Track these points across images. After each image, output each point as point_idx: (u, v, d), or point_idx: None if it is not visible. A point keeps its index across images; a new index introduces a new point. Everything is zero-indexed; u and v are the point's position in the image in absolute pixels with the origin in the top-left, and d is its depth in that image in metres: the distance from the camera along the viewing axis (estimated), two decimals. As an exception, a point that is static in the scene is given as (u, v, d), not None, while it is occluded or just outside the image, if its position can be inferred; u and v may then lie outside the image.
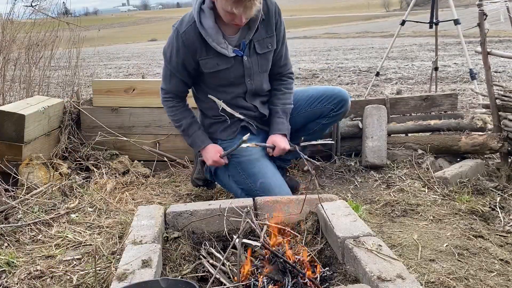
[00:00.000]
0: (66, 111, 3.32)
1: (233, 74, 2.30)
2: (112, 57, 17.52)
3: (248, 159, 2.33)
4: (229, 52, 2.23)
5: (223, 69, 2.28)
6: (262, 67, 2.36)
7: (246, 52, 2.28)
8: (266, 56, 2.34)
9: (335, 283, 1.58)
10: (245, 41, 2.26)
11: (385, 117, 3.09)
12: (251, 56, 2.30)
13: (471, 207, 2.31)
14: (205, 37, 2.19)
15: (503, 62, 8.37)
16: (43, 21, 4.26)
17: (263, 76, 2.41)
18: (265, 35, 2.30)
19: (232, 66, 2.28)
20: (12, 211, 2.38)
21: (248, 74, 2.33)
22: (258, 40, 2.29)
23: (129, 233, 1.78)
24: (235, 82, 2.33)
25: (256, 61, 2.32)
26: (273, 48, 2.35)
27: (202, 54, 2.24)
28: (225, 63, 2.26)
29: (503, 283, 1.65)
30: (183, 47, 2.23)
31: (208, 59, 2.25)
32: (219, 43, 2.21)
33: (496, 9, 2.88)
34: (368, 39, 20.84)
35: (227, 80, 2.32)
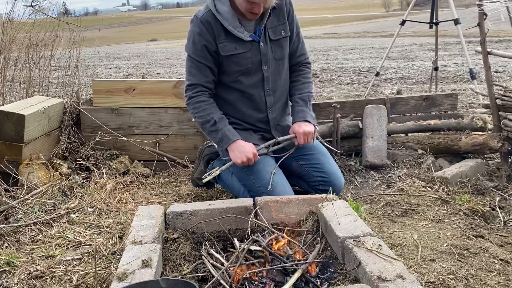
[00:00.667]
0: (66, 111, 3.32)
1: (250, 60, 2.31)
2: (112, 57, 17.52)
3: None
4: (245, 36, 2.27)
5: (241, 53, 2.29)
6: (277, 54, 2.37)
7: (262, 39, 2.32)
8: (280, 42, 2.37)
9: (335, 283, 1.58)
10: (260, 27, 2.30)
11: (385, 117, 3.09)
12: (266, 43, 2.33)
13: (471, 207, 2.31)
14: (222, 21, 2.23)
15: (503, 62, 8.37)
16: (43, 21, 4.26)
17: (279, 64, 2.40)
18: (277, 22, 2.34)
19: (249, 51, 2.30)
20: (12, 211, 2.38)
21: (265, 61, 2.34)
22: (271, 27, 2.33)
23: (129, 233, 1.78)
24: (252, 68, 2.33)
25: (271, 48, 2.35)
26: (287, 34, 2.38)
27: (221, 37, 2.27)
28: (243, 47, 2.29)
29: (503, 283, 1.65)
30: (204, 29, 2.25)
31: (226, 42, 2.27)
32: (235, 27, 2.25)
33: (496, 9, 2.88)
34: (368, 39, 20.85)
35: (245, 66, 2.32)
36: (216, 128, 2.28)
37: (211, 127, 2.30)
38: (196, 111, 2.33)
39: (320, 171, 2.39)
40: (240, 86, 2.37)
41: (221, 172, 2.52)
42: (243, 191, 2.37)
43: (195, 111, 2.34)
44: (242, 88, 2.37)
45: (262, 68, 2.35)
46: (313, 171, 2.41)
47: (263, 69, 2.35)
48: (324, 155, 2.46)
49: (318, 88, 7.24)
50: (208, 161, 2.65)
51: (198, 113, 2.32)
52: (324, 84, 7.70)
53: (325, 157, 2.46)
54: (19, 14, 4.10)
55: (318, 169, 2.40)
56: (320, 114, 3.25)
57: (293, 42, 2.45)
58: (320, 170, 2.40)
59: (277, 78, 2.42)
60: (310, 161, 2.42)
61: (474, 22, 2.85)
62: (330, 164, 2.43)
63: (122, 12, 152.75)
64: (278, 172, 2.34)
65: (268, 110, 2.42)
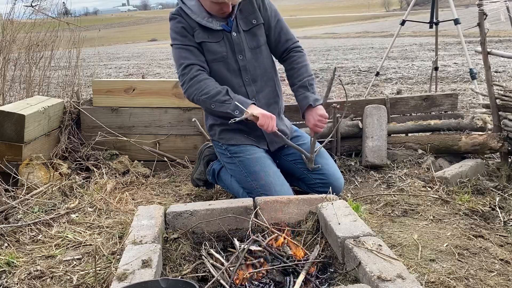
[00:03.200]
0: (66, 111, 3.32)
1: (224, 49, 2.32)
2: (112, 57, 17.52)
3: (250, 157, 2.34)
4: (215, 25, 2.29)
5: (213, 42, 2.31)
6: (252, 43, 2.37)
7: (234, 28, 2.33)
8: (253, 31, 2.37)
9: (335, 283, 1.58)
10: (231, 18, 2.32)
11: (385, 117, 3.09)
12: (239, 32, 2.34)
13: (471, 207, 2.31)
14: (190, 14, 2.29)
15: (503, 62, 8.37)
16: (43, 21, 4.26)
17: (256, 53, 2.38)
18: (247, 12, 2.35)
19: (221, 40, 2.32)
20: (12, 211, 2.38)
21: (239, 50, 2.34)
22: (242, 18, 2.35)
23: (129, 233, 1.78)
24: (227, 57, 2.33)
25: (244, 38, 2.35)
26: (259, 22, 2.37)
27: (195, 29, 2.31)
28: (215, 37, 2.32)
29: (503, 283, 1.65)
30: (179, 18, 2.32)
31: (200, 31, 2.31)
32: (204, 17, 2.28)
33: (496, 9, 2.88)
34: (368, 39, 20.84)
35: (220, 54, 2.33)
36: (229, 97, 2.20)
37: (224, 96, 2.21)
38: (201, 89, 2.24)
39: (320, 172, 2.39)
40: (217, 78, 2.33)
41: (222, 174, 2.52)
42: (242, 192, 2.37)
43: (199, 90, 2.24)
44: (222, 77, 2.34)
45: (237, 57, 2.35)
46: (312, 173, 2.41)
47: (238, 58, 2.35)
48: (322, 157, 2.45)
49: (318, 88, 7.23)
50: (208, 161, 2.65)
51: (204, 90, 2.23)
52: (324, 84, 7.70)
53: (324, 159, 2.45)
54: (19, 14, 4.10)
55: (317, 171, 2.39)
56: (320, 114, 3.24)
57: (273, 29, 2.42)
58: (319, 172, 2.39)
59: (256, 67, 2.39)
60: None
61: (474, 22, 2.85)
62: (329, 166, 2.42)
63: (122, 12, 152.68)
64: (277, 172, 2.34)
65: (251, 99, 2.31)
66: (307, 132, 2.59)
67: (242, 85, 2.36)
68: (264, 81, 2.43)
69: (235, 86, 2.34)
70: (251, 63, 2.37)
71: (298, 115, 3.16)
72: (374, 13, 61.80)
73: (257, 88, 2.40)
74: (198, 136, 3.23)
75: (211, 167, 2.61)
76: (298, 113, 2.55)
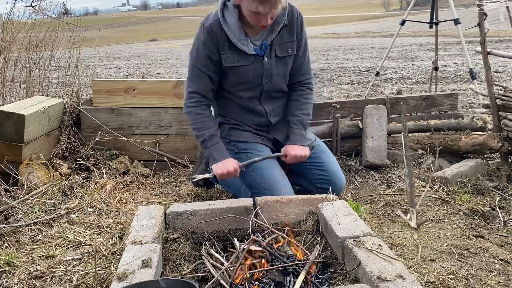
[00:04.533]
0: (66, 111, 3.32)
1: (252, 73, 2.31)
2: (112, 57, 17.52)
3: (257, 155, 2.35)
4: (249, 49, 2.25)
5: (243, 66, 2.29)
6: (281, 70, 2.36)
7: (267, 54, 2.30)
8: (285, 60, 2.35)
9: (335, 283, 1.58)
10: (267, 42, 2.28)
11: (385, 117, 3.09)
12: (271, 58, 2.31)
13: (471, 207, 2.31)
14: (227, 32, 2.22)
15: (503, 62, 8.37)
16: (43, 21, 4.26)
17: (281, 80, 2.40)
18: (287, 39, 2.31)
19: (251, 64, 2.29)
20: (12, 211, 2.38)
21: (267, 76, 2.33)
22: (279, 44, 2.30)
23: (129, 233, 1.78)
24: (253, 82, 2.33)
25: (275, 64, 2.33)
26: (293, 53, 2.35)
27: (225, 48, 2.26)
28: (245, 60, 2.28)
29: (503, 283, 1.65)
30: (208, 38, 2.25)
31: (229, 53, 2.26)
32: (240, 39, 2.23)
33: (496, 9, 2.88)
34: (368, 39, 20.84)
35: (246, 78, 2.32)
36: (205, 146, 2.33)
37: (202, 143, 2.36)
38: (193, 122, 2.37)
39: (322, 169, 2.41)
40: (237, 99, 2.39)
41: None
42: (244, 189, 2.38)
43: (192, 121, 2.38)
44: (240, 101, 2.39)
45: (263, 82, 2.34)
46: (314, 169, 2.43)
47: (264, 83, 2.35)
48: (326, 154, 2.48)
49: (318, 88, 7.24)
50: (208, 162, 2.65)
51: (194, 124, 2.36)
52: (324, 84, 7.70)
53: (328, 156, 2.48)
54: (19, 14, 4.10)
55: (320, 167, 2.42)
56: (320, 114, 3.25)
57: (298, 59, 2.40)
58: (321, 168, 2.41)
59: (276, 92, 2.41)
60: (312, 159, 2.42)
61: (474, 22, 2.85)
62: (332, 163, 2.45)
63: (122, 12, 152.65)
64: (282, 172, 2.36)
65: (268, 115, 2.43)
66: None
67: (259, 104, 2.40)
68: (282, 100, 2.47)
69: (254, 106, 2.40)
70: (273, 89, 2.39)
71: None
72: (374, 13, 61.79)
73: (275, 106, 2.44)
74: (198, 136, 3.22)
75: (211, 167, 2.61)
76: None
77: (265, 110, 2.41)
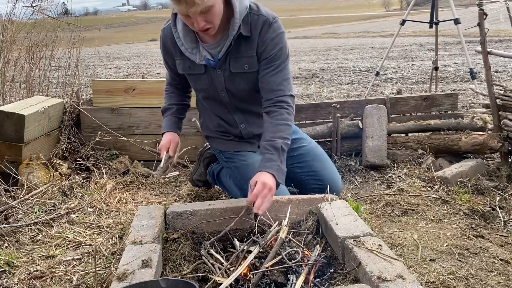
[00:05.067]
0: (66, 111, 3.32)
1: (205, 82, 2.13)
2: (112, 57, 17.52)
3: (244, 163, 2.28)
4: (198, 59, 2.04)
5: (196, 74, 2.14)
6: (239, 85, 2.09)
7: (221, 66, 2.05)
8: (242, 76, 2.05)
9: (335, 283, 1.58)
10: (218, 56, 2.01)
11: (385, 117, 3.09)
12: (225, 71, 2.05)
13: (471, 207, 2.31)
14: (176, 40, 2.06)
15: (503, 61, 8.37)
16: (43, 22, 4.27)
17: (244, 94, 2.14)
18: (244, 53, 2.00)
19: (204, 74, 2.10)
20: (12, 211, 2.37)
21: (221, 89, 2.12)
22: (235, 58, 2.02)
23: (129, 233, 1.78)
24: (209, 91, 2.16)
25: (230, 79, 2.07)
26: (252, 69, 2.03)
27: (177, 54, 2.14)
28: (197, 69, 2.10)
29: (504, 282, 1.65)
30: (162, 42, 2.19)
31: (181, 60, 2.14)
32: (188, 48, 2.04)
33: (496, 9, 2.88)
34: (368, 39, 20.84)
35: (202, 86, 2.17)
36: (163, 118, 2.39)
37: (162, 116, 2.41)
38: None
39: (316, 178, 2.31)
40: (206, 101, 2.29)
41: (222, 176, 2.51)
42: (240, 195, 2.36)
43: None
44: (209, 104, 2.28)
45: (220, 94, 2.14)
46: (309, 179, 2.34)
47: (220, 95, 2.15)
48: (319, 161, 2.36)
49: (318, 88, 7.24)
50: (208, 163, 2.65)
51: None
52: (324, 84, 7.70)
53: (321, 162, 2.35)
54: (19, 15, 4.10)
55: (314, 177, 2.32)
56: (320, 114, 3.25)
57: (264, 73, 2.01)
58: (315, 177, 2.32)
59: (245, 104, 2.20)
60: (304, 169, 2.33)
61: (474, 22, 2.85)
62: (326, 170, 2.34)
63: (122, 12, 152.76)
64: None
65: (240, 126, 2.26)
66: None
67: (229, 113, 2.24)
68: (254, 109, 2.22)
69: (221, 113, 2.26)
70: (237, 102, 2.18)
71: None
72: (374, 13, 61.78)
73: (246, 116, 2.24)
74: (198, 136, 3.22)
75: (211, 168, 2.61)
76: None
77: (234, 119, 2.24)
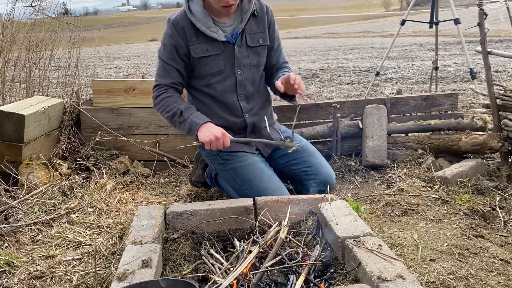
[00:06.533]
0: (66, 111, 3.32)
1: (223, 62, 2.25)
2: (112, 57, 17.51)
3: (241, 165, 2.29)
4: (219, 36, 2.21)
5: (213, 55, 2.23)
6: (253, 61, 2.32)
7: (238, 42, 2.26)
8: (257, 50, 2.32)
9: (335, 283, 1.58)
10: (238, 31, 2.25)
11: (385, 117, 3.09)
12: (242, 47, 2.27)
13: (471, 207, 2.31)
14: (195, 22, 2.18)
15: (504, 61, 8.36)
16: (43, 21, 4.26)
17: (254, 71, 2.34)
18: (257, 29, 2.30)
19: (222, 53, 2.24)
20: (12, 211, 2.38)
21: (239, 64, 2.28)
22: (250, 34, 2.28)
23: (129, 233, 1.78)
24: (225, 71, 2.27)
25: (247, 53, 2.29)
26: (265, 43, 2.34)
27: (192, 39, 2.21)
28: (216, 49, 2.23)
29: (504, 282, 1.65)
30: (175, 31, 2.21)
31: (198, 44, 2.22)
32: (209, 27, 2.19)
33: (496, 9, 2.88)
34: (368, 39, 20.83)
35: (217, 68, 2.26)
36: (183, 118, 2.17)
37: (179, 118, 2.19)
38: (163, 109, 2.24)
39: (313, 172, 2.37)
40: (212, 92, 2.31)
41: (219, 178, 2.51)
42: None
43: (162, 109, 2.25)
44: (215, 94, 2.31)
45: (236, 71, 2.28)
46: (305, 174, 2.38)
47: (236, 72, 2.28)
48: (314, 156, 2.43)
49: (318, 88, 7.24)
50: (205, 166, 2.64)
51: (165, 109, 2.23)
52: (324, 84, 7.70)
53: (315, 158, 2.43)
54: (19, 14, 4.10)
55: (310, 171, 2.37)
56: (320, 114, 3.25)
57: (274, 52, 2.42)
58: (312, 172, 2.37)
59: (251, 85, 2.35)
60: (300, 165, 2.39)
61: (474, 22, 2.85)
62: (321, 164, 2.41)
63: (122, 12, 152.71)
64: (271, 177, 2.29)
65: (244, 115, 2.35)
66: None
67: (236, 100, 2.33)
68: (256, 101, 2.40)
69: (229, 101, 2.32)
70: (248, 80, 2.33)
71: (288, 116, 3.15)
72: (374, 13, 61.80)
73: (250, 105, 2.37)
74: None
75: (209, 170, 2.61)
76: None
77: (241, 108, 2.34)
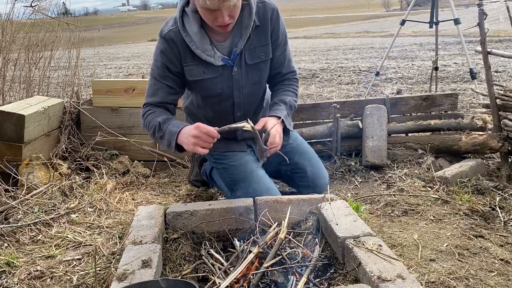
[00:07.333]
0: (66, 111, 3.32)
1: (220, 85, 2.08)
2: (112, 57, 17.51)
3: (233, 164, 2.26)
4: (216, 61, 2.01)
5: (210, 78, 2.06)
6: (254, 78, 2.12)
7: (237, 63, 2.05)
8: (258, 66, 2.11)
9: (335, 283, 1.58)
10: (236, 51, 2.02)
11: (385, 117, 3.09)
12: (241, 67, 2.07)
13: (471, 207, 2.31)
14: (189, 43, 1.97)
15: (503, 61, 8.36)
16: (43, 21, 4.26)
17: (255, 89, 2.18)
18: (257, 43, 2.05)
19: (219, 76, 2.06)
20: (12, 211, 2.38)
21: (237, 87, 2.11)
22: (250, 49, 2.05)
23: (129, 233, 1.78)
24: (222, 94, 2.11)
25: (246, 73, 2.09)
26: (267, 57, 2.11)
27: (187, 60, 2.02)
28: (212, 72, 2.04)
29: (504, 282, 1.65)
30: (168, 47, 2.01)
31: (193, 65, 2.03)
32: (205, 50, 1.98)
33: (496, 9, 2.88)
34: (368, 39, 20.83)
35: (214, 91, 2.10)
36: (162, 131, 1.98)
37: (158, 132, 2.00)
38: (147, 127, 2.06)
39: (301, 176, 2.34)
40: (210, 109, 2.19)
41: (214, 176, 2.50)
42: (231, 196, 2.34)
43: (147, 127, 2.07)
44: (214, 111, 2.20)
45: (233, 94, 2.12)
46: (294, 176, 2.37)
47: (234, 95, 2.12)
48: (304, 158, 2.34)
49: (318, 88, 7.24)
50: (201, 163, 2.64)
51: (148, 127, 2.05)
52: (324, 84, 7.70)
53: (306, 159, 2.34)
54: (19, 14, 4.10)
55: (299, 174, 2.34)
56: (320, 114, 3.25)
57: (276, 61, 2.16)
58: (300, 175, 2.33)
59: (250, 103, 2.21)
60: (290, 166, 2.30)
61: (474, 22, 2.85)
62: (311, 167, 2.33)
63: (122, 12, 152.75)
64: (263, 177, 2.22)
65: (237, 132, 2.24)
66: None
67: (233, 120, 2.16)
68: (256, 114, 2.28)
69: (225, 120, 2.13)
70: (246, 100, 2.17)
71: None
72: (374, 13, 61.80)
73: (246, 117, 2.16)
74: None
75: (204, 168, 2.61)
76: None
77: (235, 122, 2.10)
